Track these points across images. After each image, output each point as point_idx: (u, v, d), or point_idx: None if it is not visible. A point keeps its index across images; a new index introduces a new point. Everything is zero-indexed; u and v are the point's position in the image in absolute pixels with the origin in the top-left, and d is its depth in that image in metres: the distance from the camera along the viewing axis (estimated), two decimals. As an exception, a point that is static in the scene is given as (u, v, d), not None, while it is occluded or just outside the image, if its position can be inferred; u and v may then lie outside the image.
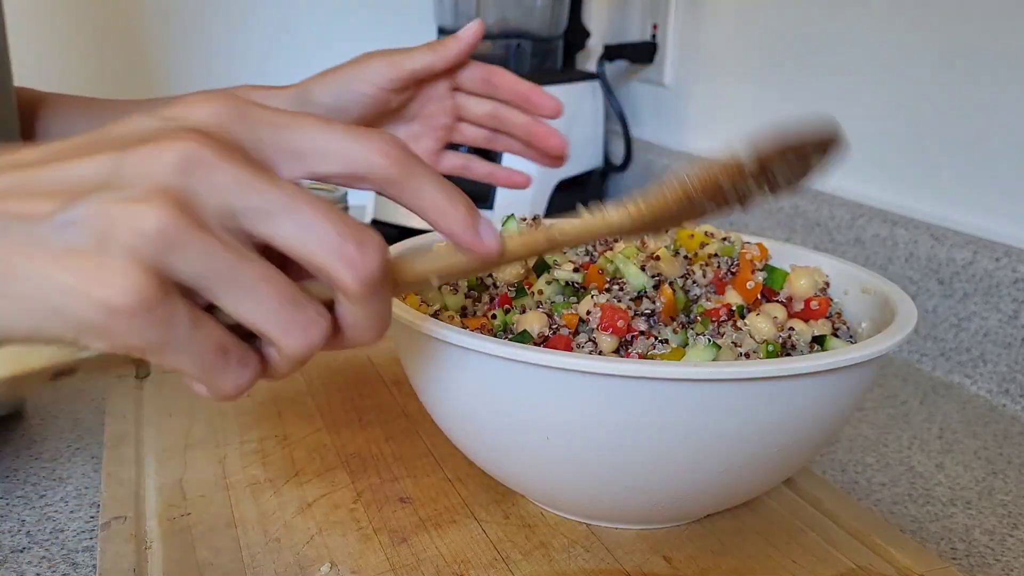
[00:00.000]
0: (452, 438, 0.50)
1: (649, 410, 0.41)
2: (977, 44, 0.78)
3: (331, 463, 0.56)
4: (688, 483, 0.45)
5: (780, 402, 0.42)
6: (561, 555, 0.47)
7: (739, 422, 0.42)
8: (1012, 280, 0.72)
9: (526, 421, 0.43)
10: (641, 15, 1.22)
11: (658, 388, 0.40)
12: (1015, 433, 0.69)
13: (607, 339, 0.47)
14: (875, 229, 0.84)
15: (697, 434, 0.42)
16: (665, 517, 0.50)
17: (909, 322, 0.47)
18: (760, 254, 0.56)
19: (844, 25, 0.91)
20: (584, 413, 0.42)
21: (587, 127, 1.18)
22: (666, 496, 0.46)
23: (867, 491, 0.60)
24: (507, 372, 0.42)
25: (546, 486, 0.48)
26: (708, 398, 0.41)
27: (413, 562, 0.46)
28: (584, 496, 0.47)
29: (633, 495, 0.45)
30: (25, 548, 0.50)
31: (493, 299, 0.53)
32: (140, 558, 0.46)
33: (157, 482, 0.53)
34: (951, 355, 0.78)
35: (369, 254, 0.29)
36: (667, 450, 0.42)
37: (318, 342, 0.31)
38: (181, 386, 0.65)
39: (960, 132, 0.80)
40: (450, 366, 0.44)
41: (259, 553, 0.46)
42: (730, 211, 0.39)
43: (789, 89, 0.99)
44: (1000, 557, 0.53)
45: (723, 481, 0.45)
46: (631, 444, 0.42)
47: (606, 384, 0.40)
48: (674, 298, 0.50)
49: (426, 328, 0.43)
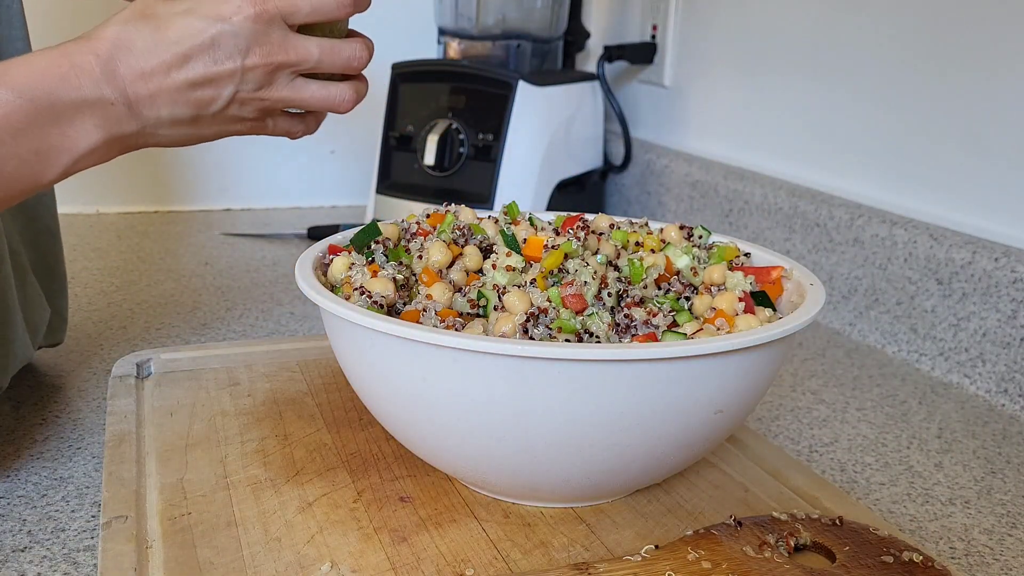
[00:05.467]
0: (382, 422, 0.52)
1: (518, 388, 0.43)
2: (976, 45, 0.78)
3: (331, 462, 0.56)
4: (599, 461, 0.46)
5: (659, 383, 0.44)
6: (561, 554, 0.47)
7: (634, 401, 0.44)
8: (1011, 280, 0.72)
9: (427, 399, 0.46)
10: (641, 16, 1.22)
11: (537, 367, 0.43)
12: (1014, 433, 0.69)
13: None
14: (874, 229, 0.85)
15: (589, 413, 0.44)
16: (584, 495, 0.51)
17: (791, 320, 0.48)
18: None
19: (843, 26, 0.91)
20: (479, 392, 0.44)
21: (587, 127, 1.18)
22: (577, 473, 0.47)
23: (866, 490, 0.60)
24: (410, 352, 0.45)
25: (458, 464, 0.50)
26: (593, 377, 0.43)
27: (413, 561, 0.46)
28: (502, 475, 0.49)
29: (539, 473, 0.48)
30: (26, 547, 0.50)
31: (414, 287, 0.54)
32: (141, 557, 0.46)
33: (158, 482, 0.53)
34: (950, 355, 0.78)
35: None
36: (556, 429, 0.45)
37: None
38: (182, 386, 0.65)
39: (959, 132, 0.80)
40: (362, 348, 0.47)
41: (260, 552, 0.46)
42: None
43: (788, 90, 0.99)
44: (999, 556, 0.53)
45: (624, 461, 0.47)
46: (516, 422, 0.45)
47: (503, 364, 0.43)
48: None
49: (338, 311, 0.46)
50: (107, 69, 0.48)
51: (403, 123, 1.12)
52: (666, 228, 0.60)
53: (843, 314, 0.89)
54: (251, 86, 0.52)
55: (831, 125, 0.94)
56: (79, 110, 0.48)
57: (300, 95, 0.55)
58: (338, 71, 0.56)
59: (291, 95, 0.54)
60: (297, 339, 0.75)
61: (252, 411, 0.62)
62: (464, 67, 1.10)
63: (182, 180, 1.30)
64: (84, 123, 0.48)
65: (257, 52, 0.51)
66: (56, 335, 0.73)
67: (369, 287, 0.50)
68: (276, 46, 0.52)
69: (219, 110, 0.53)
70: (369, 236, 0.56)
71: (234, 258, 1.07)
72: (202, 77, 0.50)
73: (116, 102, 0.49)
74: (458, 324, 0.48)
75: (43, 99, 0.46)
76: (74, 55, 0.48)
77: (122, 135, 0.50)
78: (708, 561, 0.44)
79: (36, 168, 0.48)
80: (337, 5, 0.53)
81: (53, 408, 0.67)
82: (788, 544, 0.46)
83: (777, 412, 0.71)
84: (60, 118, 0.47)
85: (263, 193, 1.34)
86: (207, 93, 0.51)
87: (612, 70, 1.26)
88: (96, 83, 0.48)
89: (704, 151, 1.14)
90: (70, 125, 0.48)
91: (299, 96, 0.55)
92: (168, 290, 0.94)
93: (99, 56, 0.48)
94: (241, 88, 0.52)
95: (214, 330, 0.83)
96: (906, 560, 0.45)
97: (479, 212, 0.61)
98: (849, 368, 0.80)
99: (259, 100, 0.54)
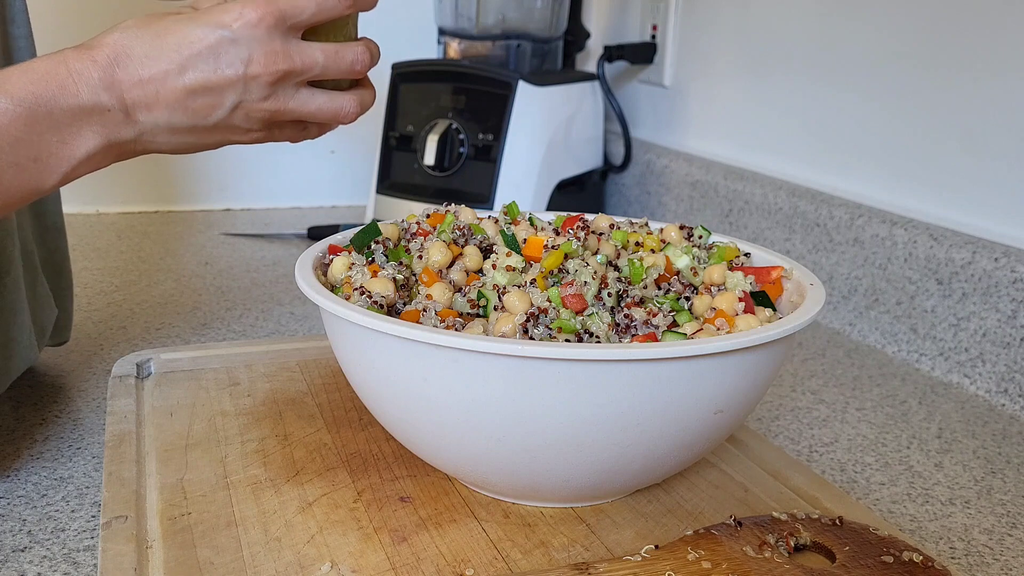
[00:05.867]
0: (382, 422, 0.52)
1: (520, 388, 0.43)
2: (976, 45, 0.78)
3: (331, 462, 0.56)
4: (599, 461, 0.46)
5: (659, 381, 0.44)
6: (561, 554, 0.47)
7: (634, 401, 0.44)
8: (1011, 280, 0.72)
9: (426, 399, 0.46)
10: (641, 16, 1.22)
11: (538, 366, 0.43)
12: (1014, 433, 0.69)
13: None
14: (874, 229, 0.85)
15: (589, 413, 0.44)
16: (584, 495, 0.51)
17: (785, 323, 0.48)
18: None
19: (843, 26, 0.91)
20: (479, 392, 0.44)
21: (587, 127, 1.18)
22: (579, 473, 0.47)
23: (866, 490, 0.60)
24: (410, 352, 0.45)
25: (459, 464, 0.50)
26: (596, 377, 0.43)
27: (413, 561, 0.46)
28: (502, 475, 0.49)
29: (543, 474, 0.48)
30: (26, 547, 0.50)
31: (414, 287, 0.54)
32: (141, 557, 0.46)
33: (158, 481, 0.53)
34: (950, 355, 0.78)
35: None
36: (557, 429, 0.45)
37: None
38: (182, 386, 0.65)
39: (959, 132, 0.80)
40: (362, 348, 0.48)
41: (260, 552, 0.46)
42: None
43: (788, 90, 0.99)
44: (999, 556, 0.53)
45: (624, 461, 0.47)
46: (512, 422, 0.45)
47: (503, 364, 0.43)
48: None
49: (338, 312, 0.46)
50: (105, 75, 0.48)
51: (403, 123, 1.12)
52: (666, 228, 0.60)
53: (843, 314, 0.89)
54: (256, 96, 0.51)
55: (831, 125, 0.94)
56: (77, 117, 0.48)
57: (307, 107, 0.54)
58: (343, 76, 0.55)
59: (297, 107, 0.54)
60: (297, 339, 0.75)
61: (252, 411, 0.62)
62: (464, 67, 1.10)
63: (182, 180, 1.30)
64: (82, 129, 0.48)
65: (260, 61, 0.50)
66: (62, 334, 0.72)
67: (369, 287, 0.50)
68: (280, 54, 0.51)
69: (221, 119, 0.52)
70: (369, 236, 0.56)
71: (234, 258, 1.08)
72: (201, 85, 0.50)
73: (113, 108, 0.49)
74: (458, 324, 0.48)
75: (41, 107, 0.47)
76: (72, 62, 0.48)
77: (120, 141, 0.50)
78: (708, 561, 0.44)
79: (35, 175, 0.48)
80: (339, 0, 0.52)
81: (53, 408, 0.67)
82: (788, 544, 0.46)
83: (777, 412, 0.71)
84: (58, 125, 0.47)
85: (263, 193, 1.34)
86: (207, 101, 0.51)
87: (612, 70, 1.26)
88: (94, 89, 0.48)
89: (704, 151, 1.14)
90: (68, 132, 0.48)
91: (306, 109, 0.54)
92: (168, 290, 0.94)
93: (97, 63, 0.48)
94: (245, 98, 0.51)
95: (214, 330, 0.83)
96: (906, 560, 0.45)
97: (479, 212, 0.61)
98: (849, 368, 0.80)
99: (265, 111, 0.53)
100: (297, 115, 0.54)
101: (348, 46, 0.54)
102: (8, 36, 0.61)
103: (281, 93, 0.52)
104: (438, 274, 0.53)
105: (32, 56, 0.62)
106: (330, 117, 0.55)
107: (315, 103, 0.54)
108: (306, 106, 0.54)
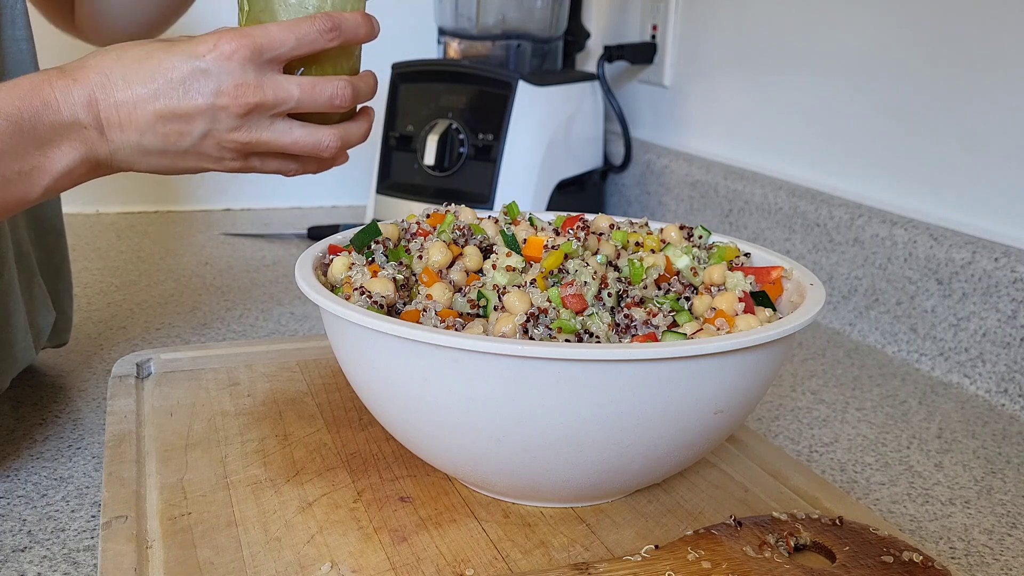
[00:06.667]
0: (382, 422, 0.52)
1: (519, 387, 0.44)
2: (974, 45, 0.78)
3: (331, 462, 0.56)
4: (599, 461, 0.46)
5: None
6: (561, 554, 0.47)
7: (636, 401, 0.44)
8: (1011, 280, 0.72)
9: (426, 399, 0.46)
10: (641, 16, 1.22)
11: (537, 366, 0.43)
12: (1014, 433, 0.69)
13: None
14: (874, 229, 0.85)
15: (589, 412, 0.44)
16: (584, 495, 0.51)
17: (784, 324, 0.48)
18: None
19: (843, 26, 0.91)
20: (479, 392, 0.44)
21: (587, 127, 1.18)
22: (577, 472, 0.47)
23: (866, 490, 0.60)
24: (410, 352, 0.45)
25: (459, 464, 0.50)
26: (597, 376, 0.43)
27: (413, 561, 0.46)
28: (502, 475, 0.49)
29: (543, 475, 0.48)
30: (26, 547, 0.50)
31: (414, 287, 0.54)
32: (141, 557, 0.46)
33: (158, 481, 0.53)
34: (950, 355, 0.78)
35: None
36: (557, 428, 0.45)
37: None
38: (182, 386, 0.65)
39: (959, 132, 0.80)
40: (362, 348, 0.48)
41: (260, 552, 0.46)
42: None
43: (788, 90, 0.99)
44: (999, 556, 0.53)
45: (624, 461, 0.47)
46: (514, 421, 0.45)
47: (503, 364, 0.43)
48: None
49: (338, 312, 0.46)
50: (84, 95, 0.51)
51: (403, 123, 1.12)
52: (666, 228, 0.60)
53: (843, 314, 0.89)
54: (225, 126, 0.53)
55: (831, 125, 0.94)
56: (58, 132, 0.50)
57: (283, 140, 0.55)
58: (321, 110, 0.55)
59: (272, 139, 0.54)
60: (297, 339, 0.75)
61: (252, 411, 0.62)
62: (464, 67, 1.10)
63: (182, 180, 1.30)
64: (62, 144, 0.51)
65: (229, 92, 0.52)
66: (62, 336, 0.73)
67: (369, 287, 0.50)
68: (251, 86, 0.52)
69: (191, 146, 0.53)
70: (369, 236, 0.56)
71: (234, 258, 1.08)
72: (171, 112, 0.51)
73: (89, 126, 0.51)
74: (458, 324, 0.48)
75: (26, 122, 0.49)
76: (56, 80, 0.50)
77: (96, 158, 0.52)
78: (708, 561, 0.44)
79: (20, 187, 0.50)
80: (319, 33, 0.53)
81: (53, 408, 0.67)
82: (788, 544, 0.46)
83: (777, 412, 0.71)
84: (41, 140, 0.50)
85: (263, 193, 1.34)
86: (176, 128, 0.52)
87: (612, 70, 1.26)
88: (73, 108, 0.50)
89: (704, 151, 1.14)
90: (50, 146, 0.50)
91: (282, 141, 0.55)
92: (168, 290, 0.94)
93: (78, 82, 0.51)
94: (215, 127, 0.52)
95: (214, 330, 0.83)
96: (906, 560, 0.45)
97: (479, 212, 0.61)
98: (849, 368, 0.80)
99: (236, 142, 0.53)
100: (274, 147, 0.55)
101: (327, 80, 0.54)
102: (5, 38, 0.61)
103: (254, 125, 0.53)
104: (438, 274, 0.53)
105: (32, 58, 0.63)
106: (308, 150, 0.56)
107: (292, 136, 0.55)
108: (282, 139, 0.55)
